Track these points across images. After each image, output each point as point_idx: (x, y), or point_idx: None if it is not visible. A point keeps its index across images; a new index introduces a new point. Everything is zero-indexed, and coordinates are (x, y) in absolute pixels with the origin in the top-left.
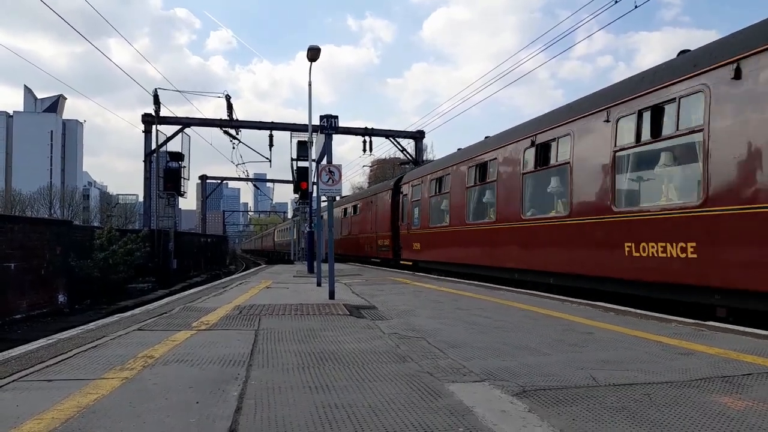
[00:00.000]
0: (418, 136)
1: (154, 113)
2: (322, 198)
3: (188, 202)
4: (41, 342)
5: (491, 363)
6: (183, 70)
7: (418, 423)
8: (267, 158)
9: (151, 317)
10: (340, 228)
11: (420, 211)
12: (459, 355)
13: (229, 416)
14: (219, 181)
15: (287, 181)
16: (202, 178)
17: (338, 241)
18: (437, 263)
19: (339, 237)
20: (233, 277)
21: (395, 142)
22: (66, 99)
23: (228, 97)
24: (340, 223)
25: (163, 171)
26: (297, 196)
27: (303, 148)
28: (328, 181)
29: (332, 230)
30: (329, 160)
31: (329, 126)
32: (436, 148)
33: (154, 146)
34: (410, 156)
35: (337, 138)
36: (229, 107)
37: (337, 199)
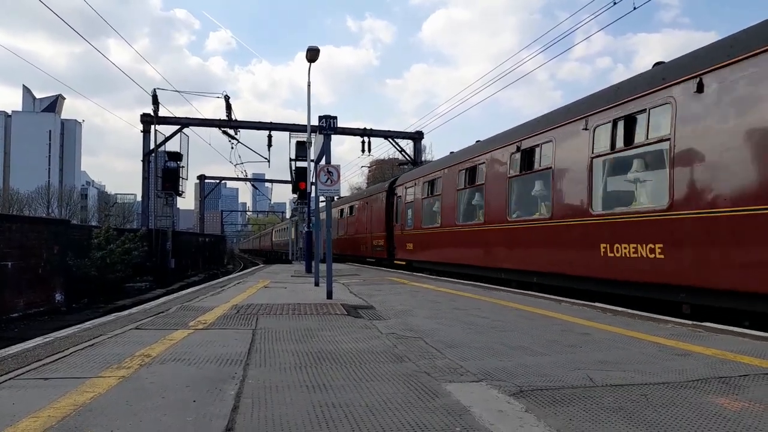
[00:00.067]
0: (416, 137)
1: (152, 113)
2: (321, 198)
3: (186, 201)
4: (38, 340)
5: (488, 363)
6: (182, 71)
7: (415, 422)
8: (265, 158)
9: (149, 316)
10: (337, 228)
11: (413, 213)
12: (456, 355)
13: (226, 415)
14: (217, 181)
15: (286, 181)
16: (201, 177)
17: (335, 241)
18: (429, 263)
19: (336, 237)
20: (231, 276)
21: (394, 143)
22: (65, 99)
23: (227, 98)
24: (337, 224)
25: (162, 171)
26: (295, 196)
27: (302, 149)
28: (326, 182)
29: (330, 230)
30: (328, 161)
31: (328, 126)
32: (435, 149)
33: (152, 146)
34: (409, 157)
35: (335, 138)
36: (228, 107)
37: (335, 200)
